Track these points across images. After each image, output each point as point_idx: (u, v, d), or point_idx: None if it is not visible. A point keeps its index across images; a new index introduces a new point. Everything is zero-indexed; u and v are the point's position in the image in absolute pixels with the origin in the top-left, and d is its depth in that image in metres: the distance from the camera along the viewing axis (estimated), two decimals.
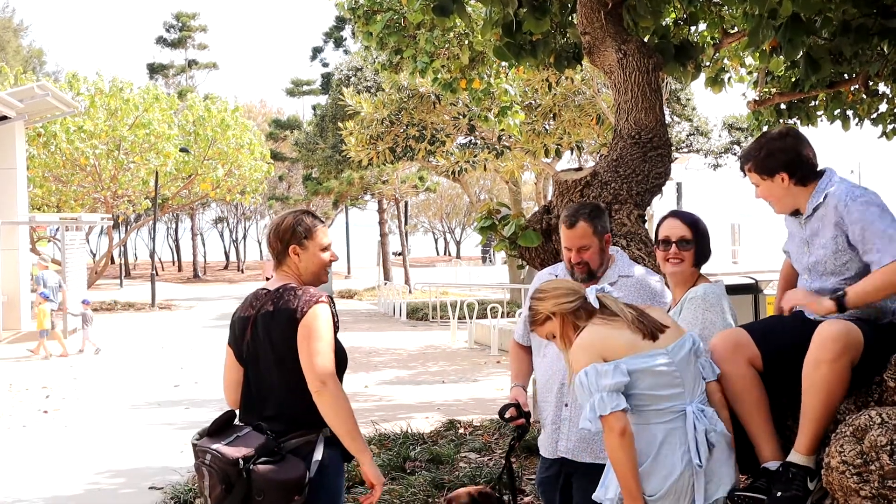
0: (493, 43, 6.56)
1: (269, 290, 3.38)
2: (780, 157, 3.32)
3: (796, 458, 3.14)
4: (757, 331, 3.34)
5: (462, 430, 8.34)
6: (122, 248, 47.52)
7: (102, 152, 28.17)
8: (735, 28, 7.56)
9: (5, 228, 18.55)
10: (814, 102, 8.67)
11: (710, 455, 3.03)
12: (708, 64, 8.24)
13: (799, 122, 8.76)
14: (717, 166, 27.45)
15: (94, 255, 49.68)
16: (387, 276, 33.12)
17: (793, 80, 8.34)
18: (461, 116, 16.74)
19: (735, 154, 27.20)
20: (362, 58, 22.73)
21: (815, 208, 3.31)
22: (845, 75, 7.81)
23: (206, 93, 35.77)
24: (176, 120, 30.39)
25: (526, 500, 5.87)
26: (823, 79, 7.28)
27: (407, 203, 40.61)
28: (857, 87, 7.91)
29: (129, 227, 42.98)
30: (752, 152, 3.39)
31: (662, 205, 18.35)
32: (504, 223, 5.19)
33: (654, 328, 3.08)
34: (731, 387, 3.24)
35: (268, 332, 3.29)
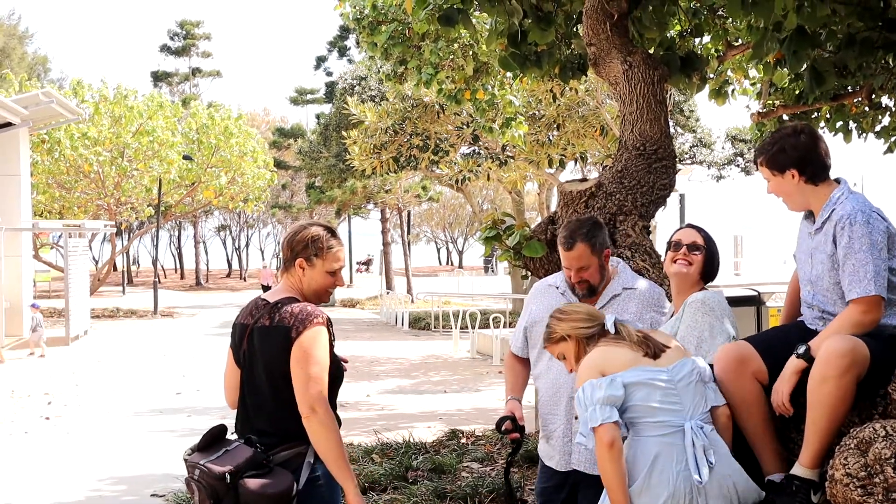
0: (499, 53, 6.58)
1: (268, 301, 3.34)
2: (791, 153, 3.31)
3: (800, 471, 3.13)
4: (760, 343, 3.32)
5: (464, 440, 8.33)
6: (125, 255, 47.58)
7: (106, 159, 28.25)
8: (739, 40, 7.57)
9: (8, 235, 18.55)
10: (817, 114, 8.67)
11: (711, 473, 2.99)
12: (712, 76, 8.25)
13: None
14: (720, 178, 27.47)
15: (97, 263, 49.80)
16: (389, 285, 33.12)
17: (796, 92, 8.34)
18: (465, 126, 16.77)
19: (738, 166, 27.23)
20: (366, 67, 22.77)
21: (824, 222, 3.30)
22: (849, 88, 7.82)
23: (209, 101, 35.90)
24: (179, 127, 30.46)
25: None
26: (827, 91, 7.29)
27: (410, 212, 40.65)
28: (860, 99, 7.91)
29: (131, 235, 43.00)
30: (766, 146, 3.38)
31: (666, 216, 18.35)
32: (508, 233, 5.18)
33: (657, 348, 3.15)
34: (735, 401, 3.22)
35: (262, 348, 3.26)
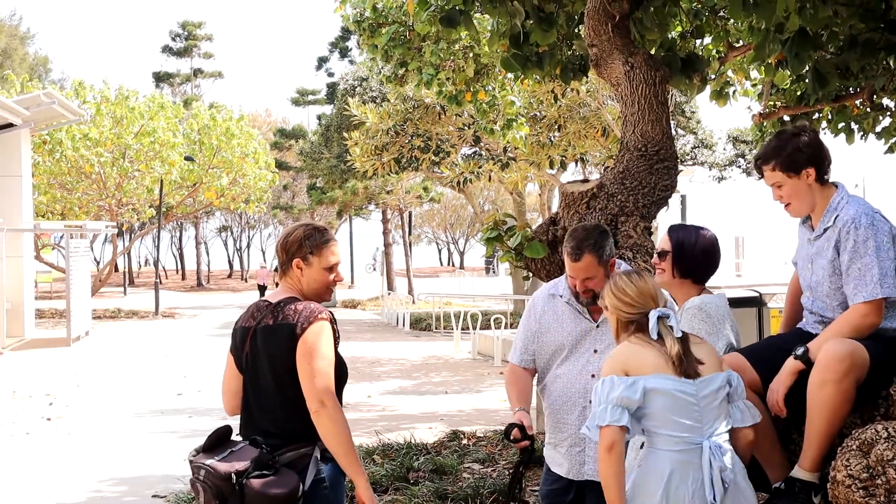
0: (500, 54, 6.58)
1: (270, 302, 3.34)
2: (805, 151, 3.32)
3: (800, 473, 3.14)
4: (753, 354, 3.32)
5: (465, 441, 8.32)
6: (126, 256, 47.61)
7: (107, 160, 28.26)
8: (740, 41, 7.57)
9: (10, 236, 18.57)
10: (818, 116, 8.66)
11: (725, 494, 2.94)
12: (713, 77, 8.25)
13: None
14: (721, 179, 27.44)
15: (98, 263, 49.82)
16: (390, 286, 33.12)
17: (798, 93, 8.34)
18: (466, 127, 16.77)
19: (740, 167, 27.19)
20: (368, 68, 22.78)
21: (826, 228, 3.30)
22: (850, 89, 7.82)
23: (211, 101, 35.89)
24: (181, 128, 30.47)
25: None
26: (829, 93, 7.29)
27: (411, 213, 40.65)
28: (861, 100, 7.91)
29: (133, 236, 43.04)
30: (774, 151, 3.37)
31: (668, 217, 18.34)
32: (510, 234, 5.17)
33: (692, 370, 2.98)
34: None
35: (267, 347, 3.26)
